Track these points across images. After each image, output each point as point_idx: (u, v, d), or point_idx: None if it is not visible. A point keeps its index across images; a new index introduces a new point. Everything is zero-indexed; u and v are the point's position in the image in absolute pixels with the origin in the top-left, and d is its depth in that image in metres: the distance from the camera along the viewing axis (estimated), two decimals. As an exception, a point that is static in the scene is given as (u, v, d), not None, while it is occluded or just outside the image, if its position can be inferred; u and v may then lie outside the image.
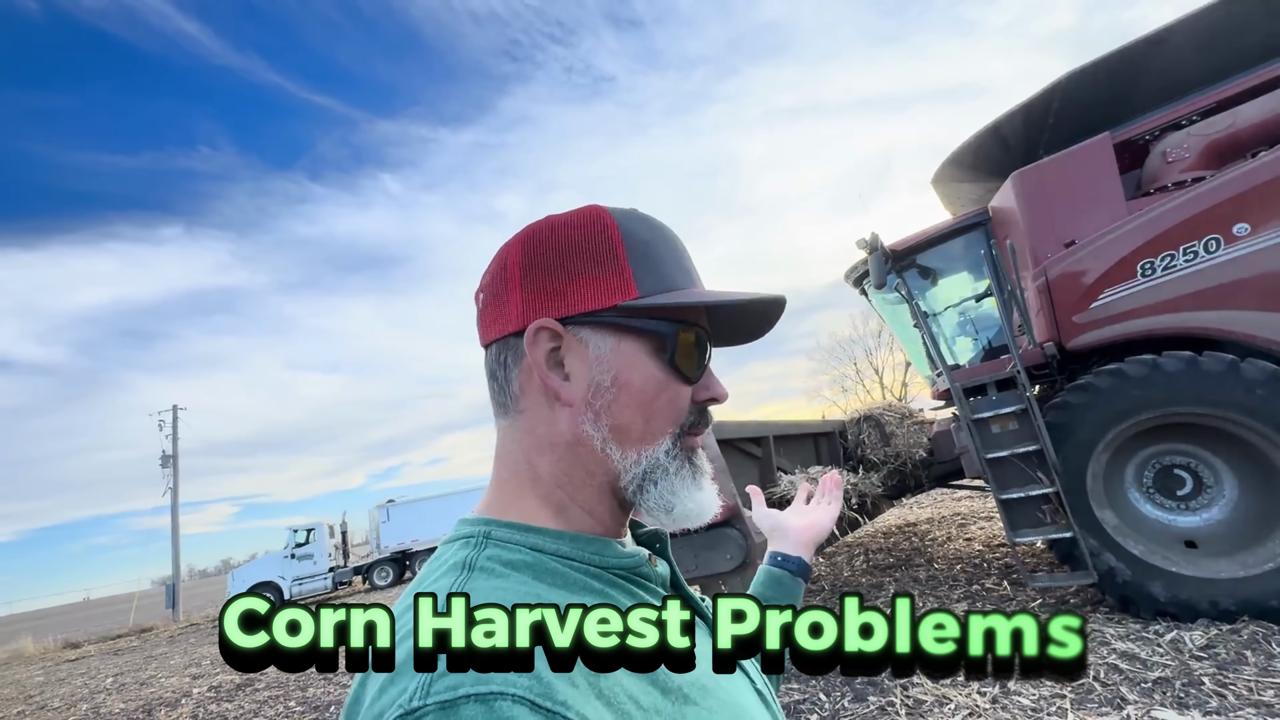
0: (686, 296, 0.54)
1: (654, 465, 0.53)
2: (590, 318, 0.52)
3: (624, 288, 0.52)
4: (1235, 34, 3.95)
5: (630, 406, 0.53)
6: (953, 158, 5.15)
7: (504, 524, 0.51)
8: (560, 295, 0.52)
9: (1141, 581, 3.41)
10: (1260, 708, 2.37)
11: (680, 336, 0.54)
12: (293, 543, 16.78)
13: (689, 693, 0.45)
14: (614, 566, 0.52)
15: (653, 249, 0.55)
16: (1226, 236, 3.52)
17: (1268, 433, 3.18)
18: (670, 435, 0.54)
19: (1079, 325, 3.93)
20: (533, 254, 0.54)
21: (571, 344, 0.52)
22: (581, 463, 0.53)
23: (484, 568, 0.46)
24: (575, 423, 0.53)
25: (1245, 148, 3.89)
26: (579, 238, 0.54)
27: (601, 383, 0.52)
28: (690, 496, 0.54)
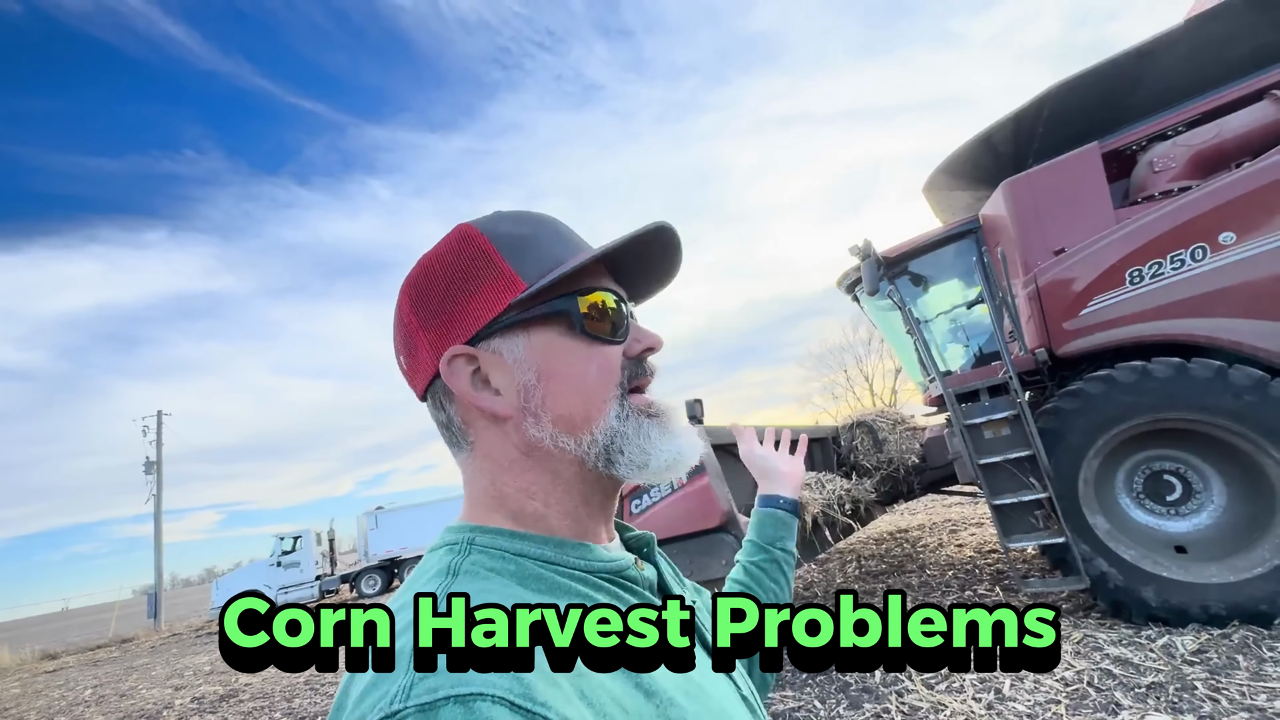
0: (571, 263, 0.53)
1: (611, 435, 0.53)
2: (492, 327, 0.52)
3: (510, 285, 0.52)
4: (1221, 47, 4.03)
5: (563, 393, 0.52)
6: (944, 166, 5.20)
7: (488, 530, 0.51)
8: (457, 320, 0.52)
9: (1133, 586, 3.43)
10: (1253, 712, 2.37)
11: (582, 303, 0.53)
12: (279, 551, 16.53)
13: (673, 697, 0.44)
14: (599, 570, 0.51)
15: (526, 240, 0.54)
16: (1213, 245, 3.57)
17: (1255, 438, 3.22)
18: (615, 399, 0.54)
19: (1069, 332, 3.97)
20: (419, 296, 0.54)
21: (487, 360, 0.52)
22: (543, 466, 0.53)
23: (468, 572, 0.46)
24: (520, 431, 0.52)
25: (1230, 158, 3.96)
26: (452, 261, 0.53)
27: (528, 383, 0.52)
28: (663, 446, 0.54)
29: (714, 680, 0.52)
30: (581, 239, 0.59)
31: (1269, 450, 3.18)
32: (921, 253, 5.16)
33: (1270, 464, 3.20)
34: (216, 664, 9.57)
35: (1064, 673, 3.01)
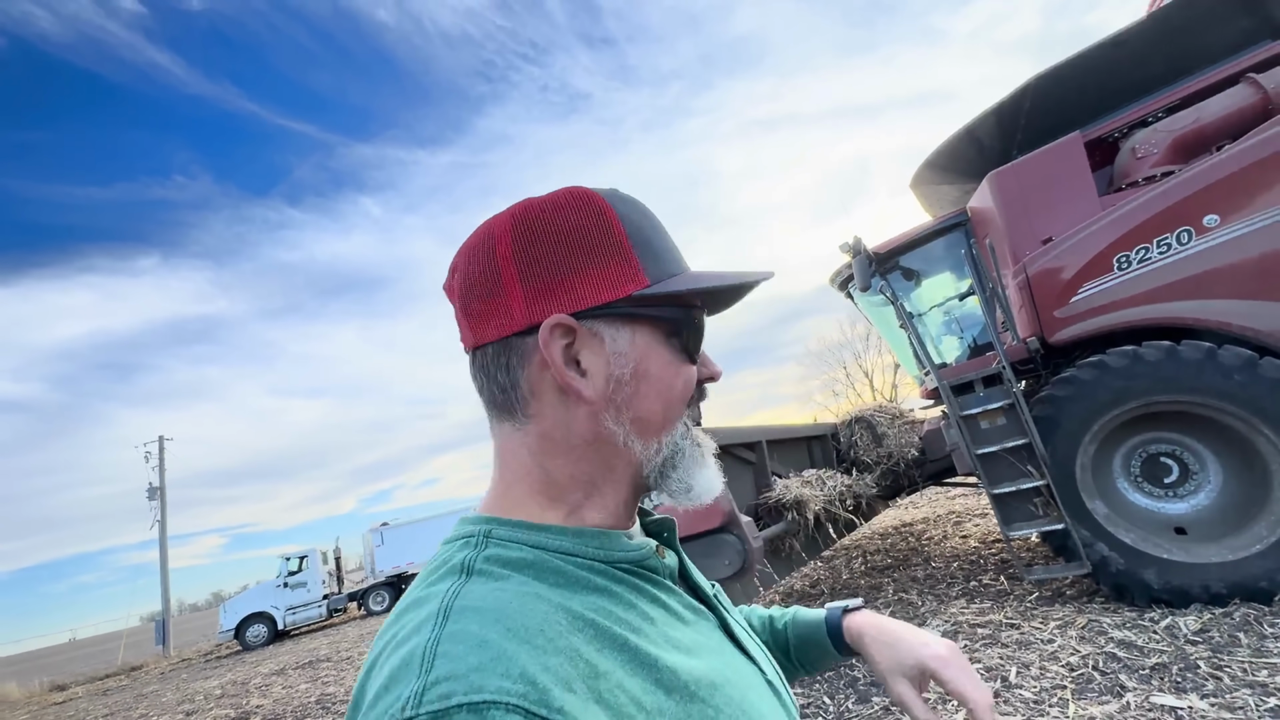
0: (696, 281, 0.53)
1: (674, 450, 0.53)
2: (604, 310, 0.50)
3: (634, 276, 0.51)
4: (1194, 32, 4.09)
5: (650, 396, 0.52)
6: (930, 161, 5.25)
7: (505, 522, 0.50)
8: (569, 288, 0.50)
9: (1134, 570, 3.45)
10: (1255, 688, 2.40)
11: (691, 319, 0.54)
12: (285, 571, 16.49)
13: (695, 690, 0.44)
14: (619, 561, 0.50)
15: (646, 233, 0.54)
16: (1197, 228, 3.61)
17: (1247, 417, 3.25)
18: (685, 418, 0.55)
19: (1060, 320, 4.00)
20: (530, 243, 0.50)
21: (587, 339, 0.50)
22: (603, 459, 0.52)
23: (482, 571, 0.45)
24: (596, 420, 0.51)
25: (1210, 141, 4.01)
26: (576, 224, 0.51)
27: (621, 376, 0.51)
28: (703, 474, 0.55)
29: (737, 668, 0.52)
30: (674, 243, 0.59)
31: (1260, 428, 3.21)
32: (911, 247, 5.20)
33: (1263, 442, 3.23)
34: (228, 687, 9.54)
35: (1069, 658, 3.03)
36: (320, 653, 11.19)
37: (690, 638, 0.50)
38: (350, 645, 11.29)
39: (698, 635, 0.52)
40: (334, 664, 9.54)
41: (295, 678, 9.04)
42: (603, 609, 0.45)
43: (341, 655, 10.21)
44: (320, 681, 8.25)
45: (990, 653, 3.33)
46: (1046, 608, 3.82)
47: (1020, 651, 3.27)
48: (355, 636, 12.56)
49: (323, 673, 8.96)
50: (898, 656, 0.69)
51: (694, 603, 0.56)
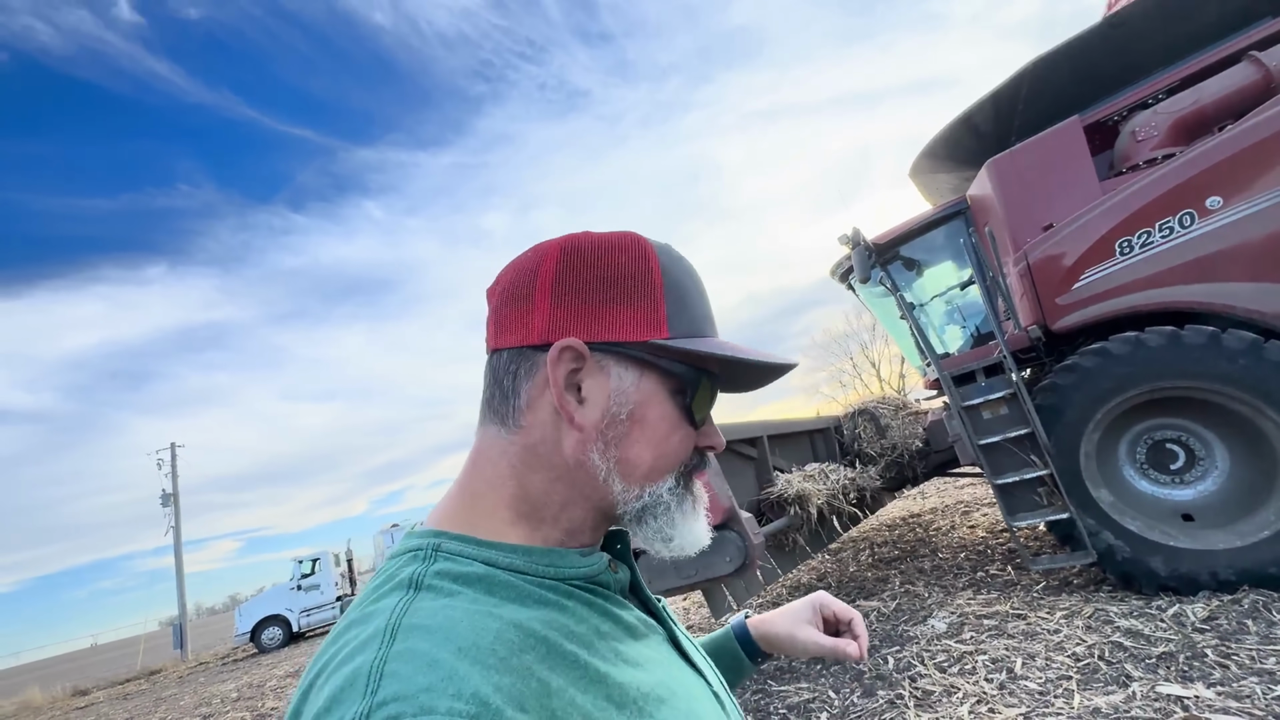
0: (715, 347, 0.53)
1: (655, 501, 0.54)
2: (618, 348, 0.52)
3: (657, 325, 0.52)
4: (1191, 12, 4.02)
5: (641, 442, 0.52)
6: (928, 149, 5.20)
7: (455, 536, 0.49)
8: (592, 319, 0.51)
9: (1141, 557, 3.42)
10: (1263, 676, 2.37)
11: (701, 383, 0.55)
12: (298, 574, 16.63)
13: (644, 705, 0.44)
14: (571, 577, 0.50)
15: (685, 290, 0.55)
16: (1200, 210, 3.56)
17: (1253, 401, 3.20)
18: (674, 474, 0.55)
19: (1062, 307, 3.96)
20: (571, 269, 0.52)
21: (593, 369, 0.52)
22: (579, 488, 0.52)
23: (431, 585, 0.44)
24: (583, 449, 0.51)
25: (1211, 122, 3.94)
26: (621, 264, 0.53)
27: (618, 415, 0.52)
28: (688, 528, 0.56)
29: (684, 681, 0.52)
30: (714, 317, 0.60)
31: (1267, 412, 3.17)
32: (911, 237, 5.16)
33: (1270, 426, 3.19)
34: (244, 690, 9.66)
35: (1075, 648, 3.01)
36: (334, 654, 11.30)
37: (640, 652, 0.51)
38: (363, 646, 11.40)
39: (647, 649, 0.52)
40: (347, 665, 9.64)
41: (310, 679, 9.15)
42: (555, 624, 0.45)
43: (355, 656, 10.31)
44: (334, 683, 8.34)
45: (996, 644, 3.32)
46: (1053, 597, 3.79)
47: (1026, 642, 3.25)
48: (368, 637, 12.68)
49: (336, 674, 9.05)
50: (793, 612, 0.81)
51: (644, 616, 0.57)
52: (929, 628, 3.82)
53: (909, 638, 3.75)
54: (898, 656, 3.50)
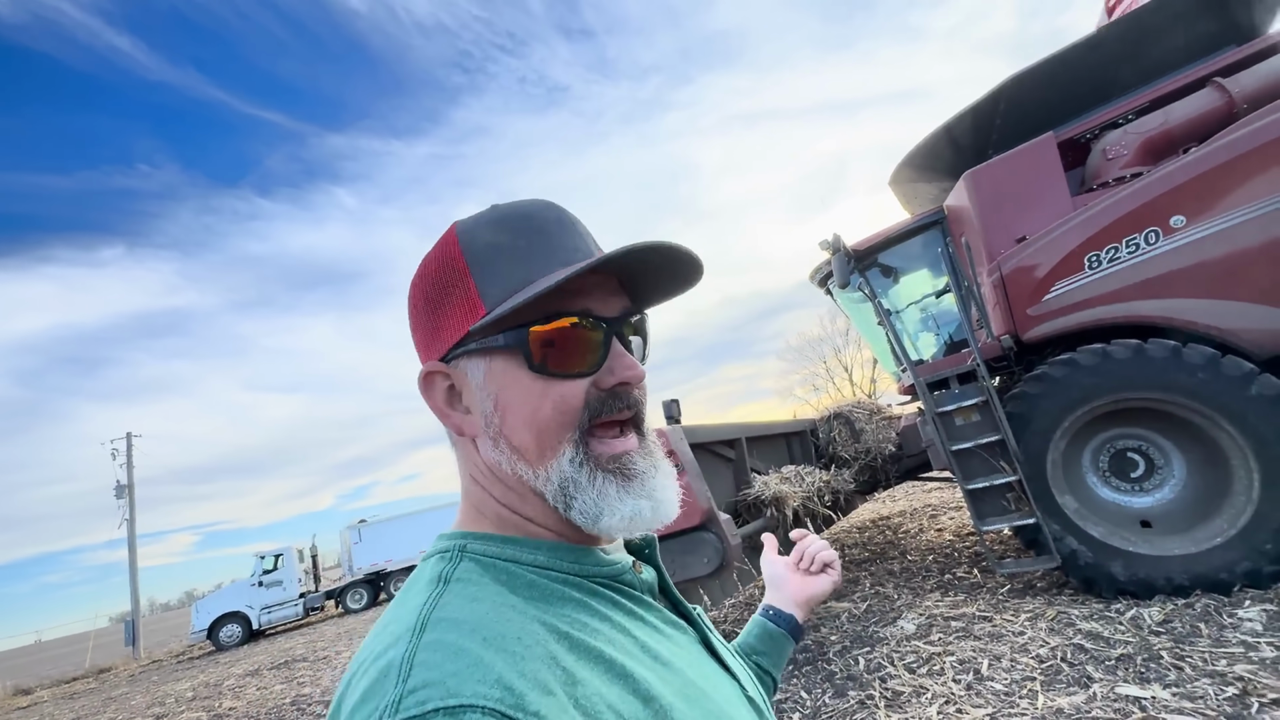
0: (525, 292, 0.48)
1: (564, 479, 0.49)
2: (459, 349, 0.52)
3: (473, 308, 0.50)
4: (1163, 36, 4.17)
5: (517, 426, 0.50)
6: (908, 159, 5.30)
7: (480, 536, 0.51)
8: (436, 335, 0.53)
9: (1102, 562, 3.54)
10: (1215, 677, 2.47)
11: (536, 338, 0.49)
12: (260, 570, 16.17)
13: (671, 701, 0.43)
14: (594, 575, 0.51)
15: (499, 252, 0.51)
16: (1164, 228, 3.69)
17: (1209, 413, 3.34)
18: (570, 443, 0.50)
19: (1033, 317, 4.07)
20: (413, 302, 0.55)
21: (460, 378, 0.53)
22: (509, 487, 0.53)
23: (460, 580, 0.46)
24: (486, 451, 0.52)
25: (1178, 144, 4.09)
26: (435, 269, 0.53)
27: (487, 410, 0.51)
28: (619, 506, 0.50)
29: (716, 682, 0.52)
30: (578, 238, 0.54)
31: (1222, 424, 3.31)
32: (889, 245, 5.25)
33: (1224, 438, 3.33)
34: (199, 689, 9.35)
35: (1039, 650, 3.10)
36: (296, 652, 11.02)
37: (668, 650, 0.50)
38: (327, 644, 11.14)
39: (676, 648, 0.52)
40: (310, 664, 9.40)
41: (270, 678, 8.88)
42: (577, 622, 0.46)
43: (318, 655, 10.06)
44: (296, 682, 8.12)
45: (964, 645, 3.40)
46: (1018, 600, 3.90)
47: (992, 644, 3.34)
48: (332, 635, 12.39)
49: (299, 673, 8.82)
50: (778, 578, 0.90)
51: (674, 618, 0.57)
52: (898, 629, 3.89)
53: (879, 639, 3.81)
54: (868, 657, 3.56)
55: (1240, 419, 3.25)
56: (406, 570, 17.27)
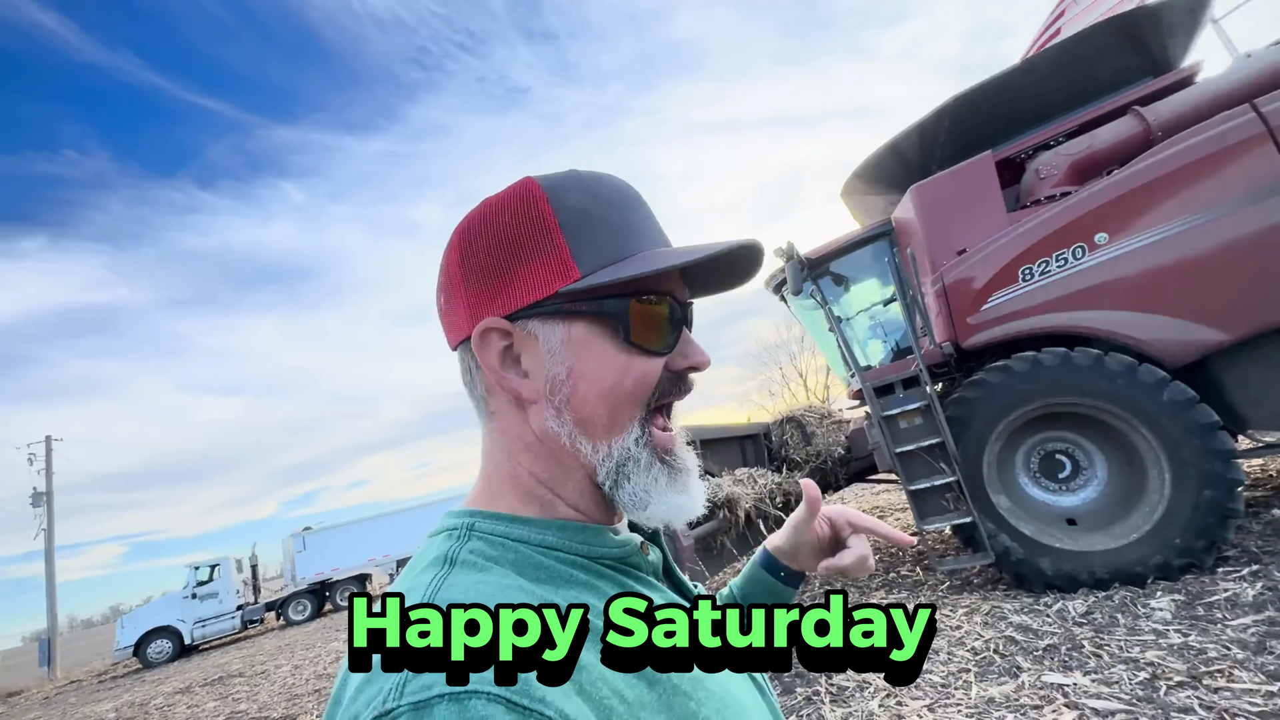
0: (635, 266, 0.49)
1: (625, 456, 0.50)
2: (535, 309, 0.49)
3: (564, 270, 0.48)
4: (1090, 65, 4.47)
5: (591, 397, 0.49)
6: (858, 172, 5.49)
7: (489, 515, 0.50)
8: (502, 290, 0.50)
9: (1032, 558, 3.74)
10: (1129, 664, 2.64)
11: (636, 311, 0.50)
12: (194, 581, 15.29)
13: (678, 683, 0.43)
14: (601, 556, 0.50)
15: (592, 219, 0.50)
16: (1090, 245, 3.95)
17: (1127, 418, 3.58)
18: (638, 422, 0.51)
19: (972, 326, 4.28)
20: (470, 249, 0.51)
21: (523, 339, 0.50)
22: (556, 459, 0.51)
23: (466, 561, 0.45)
24: (541, 419, 0.51)
25: (1102, 166, 4.39)
26: (509, 221, 0.50)
27: (557, 376, 0.50)
28: (667, 499, 0.51)
29: (730, 679, 0.51)
30: (653, 221, 0.55)
31: (1138, 428, 3.55)
32: (840, 254, 5.42)
33: (1140, 441, 3.58)
34: (123, 710, 8.76)
35: (974, 643, 3.25)
36: (232, 668, 10.46)
37: None
38: (266, 658, 10.62)
39: None
40: (247, 679, 8.95)
41: (202, 696, 8.41)
42: (585, 603, 0.45)
43: (255, 670, 9.59)
44: (231, 699, 7.71)
45: (905, 640, 3.52)
46: (956, 596, 4.07)
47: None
48: (272, 649, 11.82)
49: (234, 689, 8.38)
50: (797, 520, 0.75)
51: (678, 599, 0.56)
52: (845, 626, 4.00)
53: (826, 636, 3.91)
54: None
55: (1153, 423, 3.50)
56: (353, 579, 16.66)
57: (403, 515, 17.02)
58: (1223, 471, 3.34)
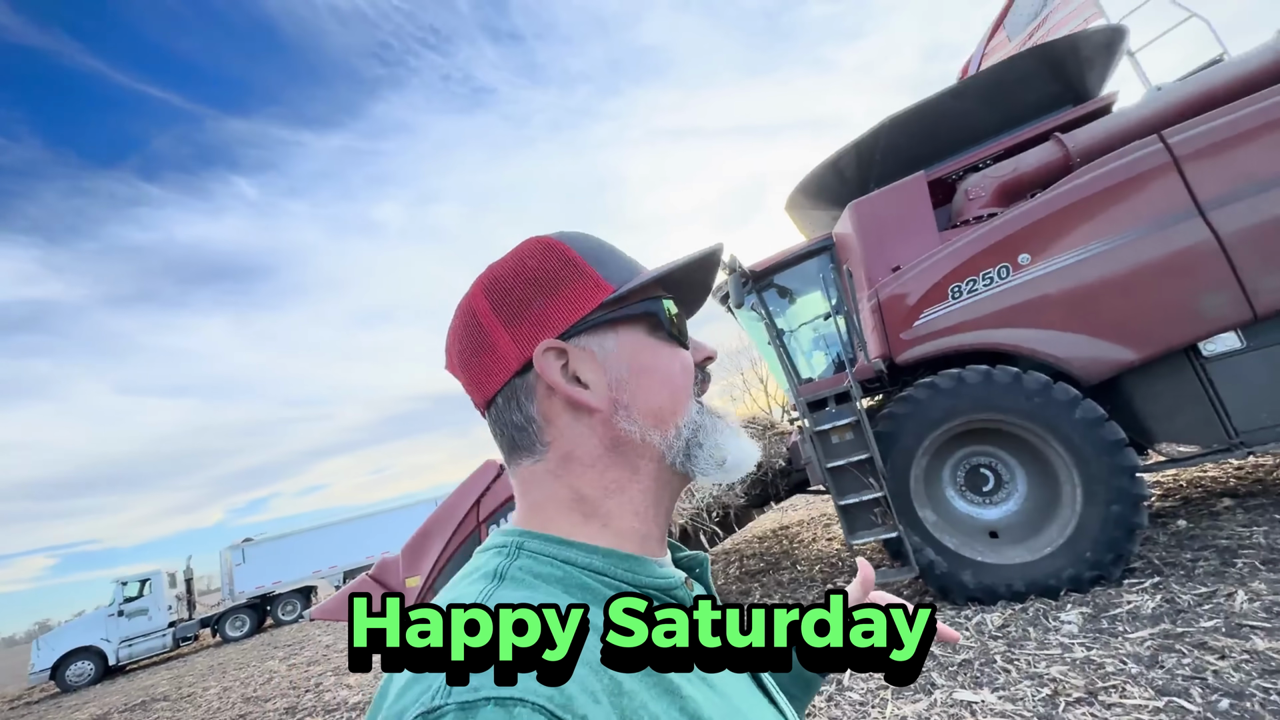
0: (655, 272, 0.57)
1: (694, 429, 0.55)
2: (583, 324, 0.54)
3: (599, 287, 0.55)
4: (1015, 93, 4.64)
5: (654, 386, 0.55)
6: (800, 186, 5.57)
7: (538, 536, 0.51)
8: (546, 318, 0.54)
9: (955, 571, 3.82)
10: (1034, 679, 2.70)
11: (666, 305, 0.57)
12: (121, 598, 14.39)
13: (714, 717, 0.44)
14: (647, 586, 0.51)
15: (601, 250, 0.58)
16: (1014, 265, 4.08)
17: (1043, 434, 3.70)
18: (694, 399, 0.57)
19: (905, 341, 4.37)
20: (503, 295, 0.55)
21: (577, 355, 0.54)
22: (627, 461, 0.54)
23: (514, 577, 0.46)
24: (610, 425, 0.53)
25: (1027, 189, 4.55)
26: (536, 265, 0.55)
27: (621, 376, 0.54)
28: (735, 444, 0.56)
29: (759, 710, 0.52)
30: (631, 258, 0.63)
31: (1053, 444, 3.68)
32: (783, 268, 5.48)
33: (1055, 457, 3.70)
34: (29, 740, 8.14)
35: (894, 659, 3.28)
36: (158, 690, 9.88)
37: (717, 673, 0.50)
38: (196, 679, 10.06)
39: (724, 672, 0.51)
40: (172, 703, 8.45)
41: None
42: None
43: (183, 693, 9.06)
44: (150, 725, 7.27)
45: (832, 656, 3.54)
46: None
47: (857, 653, 3.50)
48: (204, 668, 11.22)
49: (156, 714, 7.91)
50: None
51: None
52: (777, 641, 4.00)
53: (758, 652, 3.90)
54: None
55: (1066, 439, 3.63)
56: (297, 592, 16.00)
57: (352, 525, 16.45)
58: (1129, 487, 3.48)
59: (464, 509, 3.92)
